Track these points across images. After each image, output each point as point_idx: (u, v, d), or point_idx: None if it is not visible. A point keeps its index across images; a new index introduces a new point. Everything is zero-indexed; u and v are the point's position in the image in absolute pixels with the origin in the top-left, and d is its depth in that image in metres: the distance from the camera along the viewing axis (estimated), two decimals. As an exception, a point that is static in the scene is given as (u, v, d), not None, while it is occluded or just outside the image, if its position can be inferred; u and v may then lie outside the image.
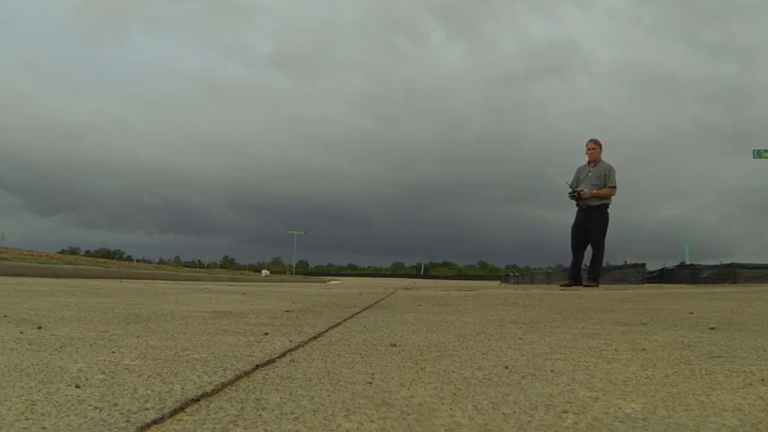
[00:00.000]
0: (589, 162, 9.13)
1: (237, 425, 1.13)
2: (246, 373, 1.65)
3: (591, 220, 8.93)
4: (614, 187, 8.75)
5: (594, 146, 9.14)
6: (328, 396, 1.38)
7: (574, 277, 9.26)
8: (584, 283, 8.96)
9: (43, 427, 1.07)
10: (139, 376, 1.55)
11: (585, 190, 8.91)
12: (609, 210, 8.95)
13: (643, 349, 2.16)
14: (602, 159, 9.12)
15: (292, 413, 1.22)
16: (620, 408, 1.26)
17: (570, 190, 9.15)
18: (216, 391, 1.40)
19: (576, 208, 9.32)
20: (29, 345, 2.10)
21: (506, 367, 1.79)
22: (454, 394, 1.41)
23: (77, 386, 1.41)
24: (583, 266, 9.85)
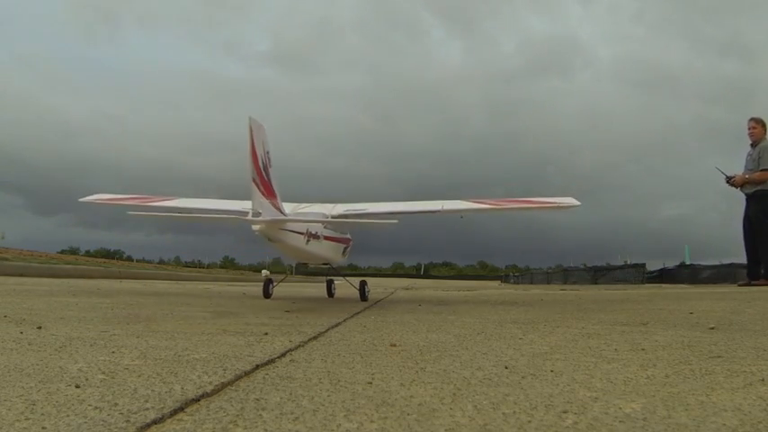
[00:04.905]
0: (752, 144, 8.06)
1: (237, 425, 1.13)
2: (246, 373, 1.65)
3: (750, 209, 7.89)
4: (765, 170, 7.65)
5: (755, 125, 8.01)
6: (328, 396, 1.38)
7: (749, 274, 8.12)
8: (752, 282, 7.84)
9: (43, 427, 1.07)
10: (139, 376, 1.55)
11: (737, 177, 7.97)
12: None
13: (643, 349, 2.16)
14: (766, 138, 7.96)
15: (292, 413, 1.22)
16: (620, 408, 1.26)
17: (724, 177, 8.14)
18: (216, 392, 1.40)
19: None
20: (29, 345, 2.10)
21: (506, 367, 1.79)
22: (454, 394, 1.41)
23: (77, 386, 1.41)
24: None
